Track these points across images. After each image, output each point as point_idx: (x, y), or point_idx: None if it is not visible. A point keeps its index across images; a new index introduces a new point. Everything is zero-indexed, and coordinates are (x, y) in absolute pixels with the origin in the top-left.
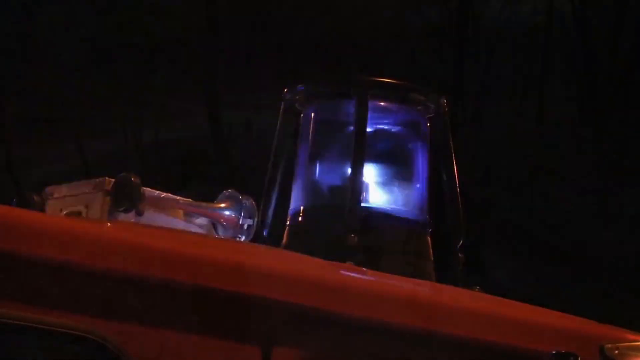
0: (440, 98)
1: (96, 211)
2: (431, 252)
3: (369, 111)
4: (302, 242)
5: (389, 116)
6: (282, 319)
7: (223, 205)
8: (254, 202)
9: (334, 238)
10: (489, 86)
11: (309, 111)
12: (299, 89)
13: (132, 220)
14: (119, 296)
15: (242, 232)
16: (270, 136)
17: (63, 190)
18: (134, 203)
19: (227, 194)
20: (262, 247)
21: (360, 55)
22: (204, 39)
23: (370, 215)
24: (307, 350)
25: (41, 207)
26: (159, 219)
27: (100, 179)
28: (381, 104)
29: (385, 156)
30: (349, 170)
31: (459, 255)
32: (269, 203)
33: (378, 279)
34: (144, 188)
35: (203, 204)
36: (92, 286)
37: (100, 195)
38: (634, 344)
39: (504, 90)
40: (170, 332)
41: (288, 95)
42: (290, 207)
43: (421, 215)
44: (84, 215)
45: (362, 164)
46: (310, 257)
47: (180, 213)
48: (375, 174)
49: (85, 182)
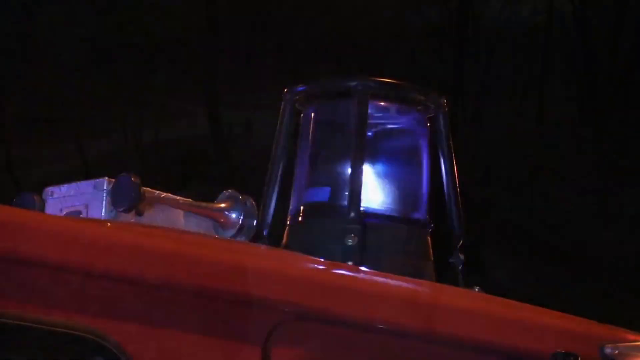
0: (440, 98)
1: (96, 211)
2: (431, 252)
3: (368, 111)
4: (302, 242)
5: (388, 116)
6: (282, 319)
7: (223, 205)
8: (254, 202)
9: (334, 238)
10: (489, 86)
11: (309, 111)
12: (299, 89)
13: (132, 220)
14: (119, 296)
15: (242, 232)
16: (270, 136)
17: (63, 190)
18: (134, 203)
19: (227, 194)
20: (262, 247)
21: (360, 55)
22: (204, 39)
23: (370, 215)
24: (307, 350)
25: (41, 207)
26: (159, 219)
27: (100, 179)
28: (381, 104)
29: (385, 156)
30: (348, 171)
31: (459, 255)
32: (269, 203)
33: (378, 279)
34: (144, 188)
35: (203, 204)
36: (92, 286)
37: (100, 195)
38: (634, 344)
39: (504, 90)
40: (170, 332)
41: (288, 95)
42: (290, 207)
43: (421, 215)
44: (84, 215)
45: (362, 164)
46: (310, 257)
47: (180, 213)
48: (375, 174)
49: (85, 182)
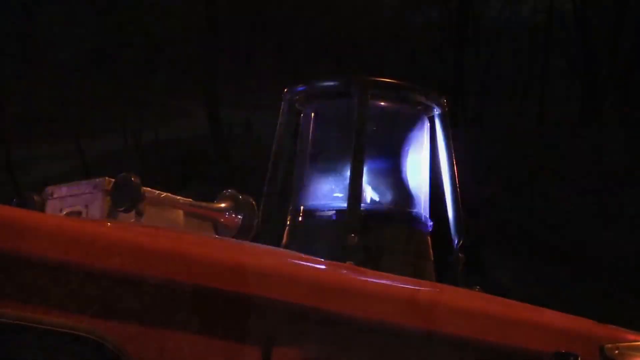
0: (440, 98)
1: (96, 211)
2: (431, 252)
3: (369, 111)
4: (302, 242)
5: (389, 116)
6: (282, 319)
7: (223, 205)
8: (254, 202)
9: (334, 238)
10: (489, 86)
11: (309, 111)
12: (299, 89)
13: (132, 220)
14: (118, 296)
15: (242, 232)
16: (270, 136)
17: (63, 190)
18: (134, 203)
19: (227, 194)
20: (262, 247)
21: (360, 55)
22: (204, 39)
23: (370, 215)
24: (307, 350)
25: (41, 207)
26: (159, 219)
27: (100, 179)
28: (381, 103)
29: (385, 156)
30: (348, 170)
31: (459, 255)
32: (269, 203)
33: (378, 279)
34: (144, 188)
35: (203, 204)
36: (91, 286)
37: (100, 195)
38: (634, 344)
39: (504, 90)
40: (170, 332)
41: (288, 95)
42: (290, 207)
43: (421, 215)
44: (84, 215)
45: (362, 164)
46: (310, 257)
47: (180, 213)
48: (375, 174)
49: (85, 182)
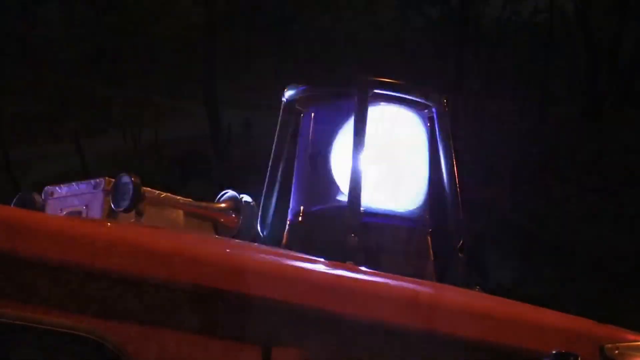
0: (441, 98)
1: (96, 211)
2: (431, 252)
3: (368, 111)
4: (302, 242)
5: (389, 116)
6: (282, 319)
7: (223, 205)
8: (254, 202)
9: (334, 238)
10: (490, 86)
11: (309, 111)
12: (299, 89)
13: (132, 220)
14: (118, 296)
15: (242, 232)
16: (270, 136)
17: (63, 190)
18: (134, 203)
19: (227, 194)
20: (262, 247)
21: (360, 55)
22: (204, 39)
23: (370, 215)
24: (307, 350)
25: (41, 207)
26: (159, 219)
27: (100, 179)
28: (381, 103)
29: (385, 156)
30: (348, 171)
31: (459, 255)
32: (269, 203)
33: (378, 279)
34: (144, 188)
35: (203, 204)
36: (91, 286)
37: (100, 195)
38: (634, 344)
39: (505, 90)
40: (170, 332)
41: (288, 95)
42: (290, 207)
43: (421, 215)
44: (84, 215)
45: (362, 164)
46: (310, 257)
47: (180, 213)
48: (375, 174)
49: (85, 182)
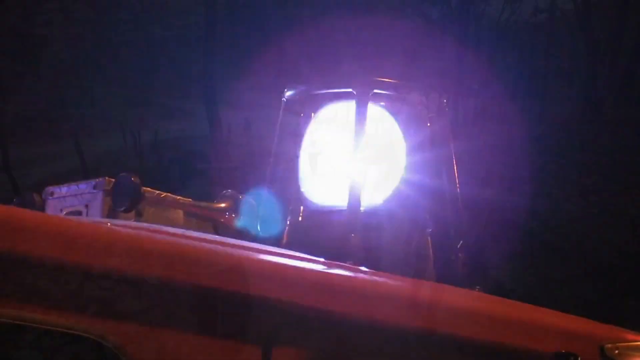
0: (440, 98)
1: (96, 211)
2: (431, 252)
3: (368, 111)
4: (302, 242)
5: (389, 116)
6: (282, 319)
7: (223, 205)
8: (254, 202)
9: (334, 238)
10: (490, 86)
11: (309, 111)
12: (299, 89)
13: (132, 220)
14: (118, 296)
15: (242, 232)
16: (270, 136)
17: (63, 190)
18: (134, 203)
19: (227, 194)
20: (262, 247)
21: (360, 55)
22: (203, 39)
23: (370, 215)
24: (307, 350)
25: (41, 207)
26: (159, 219)
27: (100, 179)
28: (381, 103)
29: (386, 156)
30: (348, 171)
31: (459, 255)
32: (268, 203)
33: (378, 279)
34: (144, 188)
35: (203, 204)
36: (91, 286)
37: (100, 195)
38: (634, 344)
39: (504, 90)
40: (169, 332)
41: (288, 95)
42: (290, 207)
43: (421, 215)
44: (84, 215)
45: (362, 164)
46: (310, 257)
47: (180, 213)
48: (375, 174)
49: (85, 182)
